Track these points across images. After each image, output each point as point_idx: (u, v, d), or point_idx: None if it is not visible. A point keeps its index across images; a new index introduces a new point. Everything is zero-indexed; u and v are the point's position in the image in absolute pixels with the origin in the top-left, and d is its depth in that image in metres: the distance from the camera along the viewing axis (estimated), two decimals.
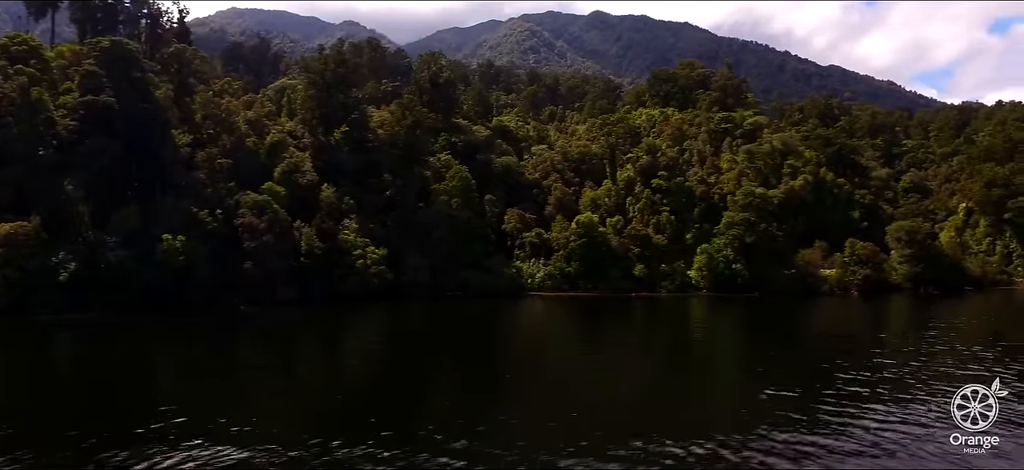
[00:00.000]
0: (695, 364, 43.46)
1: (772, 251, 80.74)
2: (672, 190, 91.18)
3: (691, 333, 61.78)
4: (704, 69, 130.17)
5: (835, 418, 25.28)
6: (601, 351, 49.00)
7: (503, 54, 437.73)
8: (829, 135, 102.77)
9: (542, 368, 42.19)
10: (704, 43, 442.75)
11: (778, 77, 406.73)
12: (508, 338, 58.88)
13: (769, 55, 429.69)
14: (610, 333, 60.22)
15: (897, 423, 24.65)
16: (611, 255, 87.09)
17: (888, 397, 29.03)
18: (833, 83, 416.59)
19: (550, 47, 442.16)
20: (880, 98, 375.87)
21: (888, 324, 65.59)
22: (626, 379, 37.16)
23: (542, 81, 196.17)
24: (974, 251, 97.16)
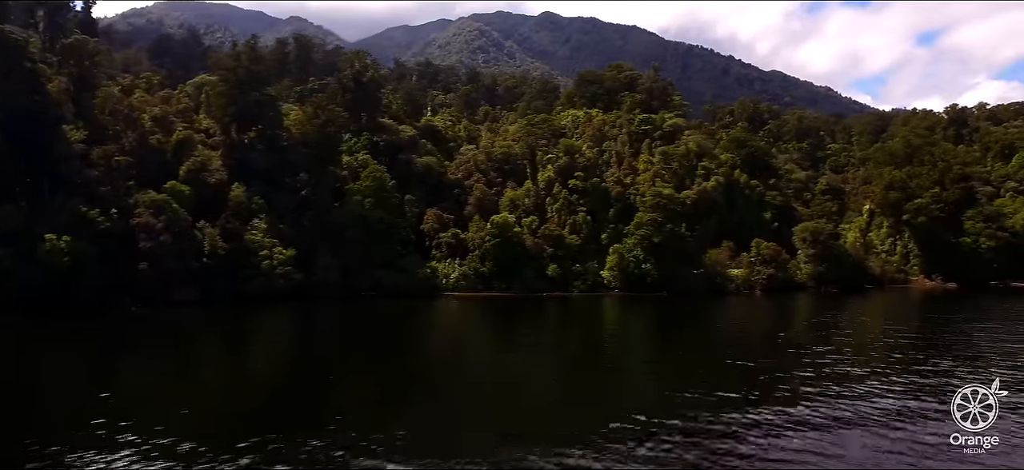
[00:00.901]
0: (603, 362, 44.04)
1: (681, 251, 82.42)
2: (589, 191, 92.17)
3: (599, 332, 62.80)
4: (631, 71, 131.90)
5: (743, 413, 26.11)
6: (513, 351, 49.33)
7: (452, 53, 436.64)
8: (743, 138, 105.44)
9: (451, 367, 42.29)
10: (651, 46, 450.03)
11: (722, 81, 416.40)
12: (418, 338, 58.55)
13: (714, 59, 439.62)
14: (522, 333, 60.66)
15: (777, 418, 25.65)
16: (526, 255, 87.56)
17: (783, 393, 30.59)
18: (774, 88, 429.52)
19: (499, 47, 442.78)
20: (818, 103, 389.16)
21: (780, 322, 67.74)
22: (538, 378, 37.45)
23: (480, 81, 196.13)
24: (878, 251, 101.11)
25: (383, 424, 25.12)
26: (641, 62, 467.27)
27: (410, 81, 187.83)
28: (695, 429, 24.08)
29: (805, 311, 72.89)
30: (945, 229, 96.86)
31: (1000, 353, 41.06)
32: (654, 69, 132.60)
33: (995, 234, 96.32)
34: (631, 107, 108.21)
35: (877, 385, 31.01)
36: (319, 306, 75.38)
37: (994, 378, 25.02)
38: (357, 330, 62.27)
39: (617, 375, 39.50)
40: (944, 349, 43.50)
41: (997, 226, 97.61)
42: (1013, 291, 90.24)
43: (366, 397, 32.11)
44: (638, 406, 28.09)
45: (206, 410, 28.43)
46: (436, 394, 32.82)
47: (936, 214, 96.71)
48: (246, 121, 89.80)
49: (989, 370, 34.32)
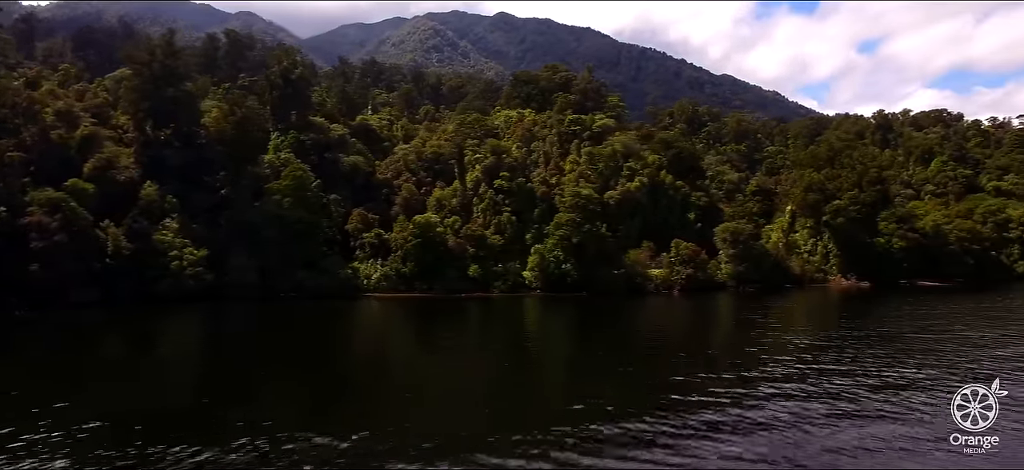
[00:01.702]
0: (521, 363, 43.97)
1: (601, 251, 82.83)
2: (514, 191, 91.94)
3: (515, 333, 62.83)
4: (567, 72, 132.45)
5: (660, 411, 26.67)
6: (430, 352, 48.90)
7: (406, 52, 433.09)
8: (671, 139, 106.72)
9: (363, 370, 41.72)
10: (605, 48, 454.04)
11: (674, 84, 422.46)
12: (329, 340, 57.46)
13: (667, 62, 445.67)
14: (440, 335, 60.27)
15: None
16: (448, 255, 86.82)
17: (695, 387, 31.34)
18: (724, 91, 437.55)
19: (454, 46, 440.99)
20: (766, 107, 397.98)
21: (693, 321, 68.70)
22: (456, 378, 37.04)
23: (425, 80, 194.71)
24: (800, 251, 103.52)
25: (288, 430, 24.36)
26: (595, 63, 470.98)
27: (353, 79, 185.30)
28: (611, 431, 24.32)
29: (715, 311, 74.08)
30: (861, 230, 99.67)
31: (920, 348, 43.11)
32: (588, 70, 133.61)
33: (906, 235, 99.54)
34: (562, 108, 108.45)
35: (780, 387, 31.63)
36: (232, 307, 73.46)
37: (994, 378, 24.88)
38: (266, 332, 60.76)
39: (535, 375, 39.67)
40: (836, 347, 44.83)
41: (908, 227, 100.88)
42: (920, 289, 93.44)
43: (271, 402, 31.26)
44: (556, 407, 28.64)
45: (85, 418, 26.84)
46: (346, 398, 32.20)
47: (853, 215, 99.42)
48: (162, 117, 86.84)
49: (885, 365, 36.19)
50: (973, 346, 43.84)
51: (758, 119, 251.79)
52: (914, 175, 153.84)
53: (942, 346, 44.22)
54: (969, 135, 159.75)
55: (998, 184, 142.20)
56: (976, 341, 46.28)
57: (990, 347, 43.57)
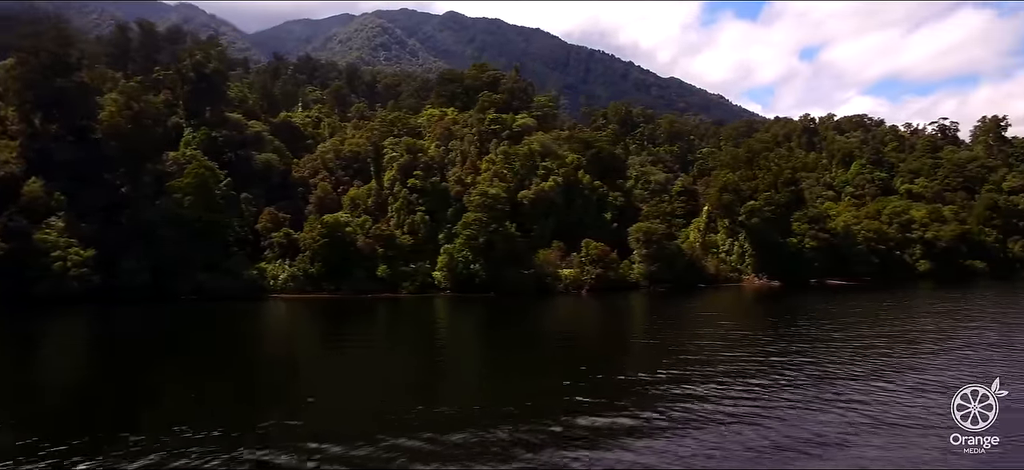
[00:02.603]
0: (423, 364, 42.92)
1: (510, 251, 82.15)
2: (428, 190, 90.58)
3: (413, 334, 61.25)
4: (495, 72, 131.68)
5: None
6: (329, 353, 47.64)
7: (353, 49, 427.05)
8: (590, 139, 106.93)
9: (272, 370, 40.25)
10: (555, 49, 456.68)
11: (621, 85, 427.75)
12: (230, 341, 55.24)
13: (614, 64, 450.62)
14: (338, 334, 58.56)
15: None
16: (357, 255, 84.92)
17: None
18: (670, 94, 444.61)
19: (402, 45, 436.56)
20: (711, 110, 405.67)
21: (591, 321, 68.54)
22: (362, 380, 35.93)
23: (360, 78, 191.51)
24: (719, 251, 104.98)
25: (168, 434, 23.16)
26: (544, 64, 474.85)
27: (283, 75, 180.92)
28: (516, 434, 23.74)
29: (620, 310, 74.12)
30: (775, 230, 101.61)
31: (820, 345, 43.75)
32: (515, 70, 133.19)
33: (817, 235, 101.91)
34: (483, 107, 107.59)
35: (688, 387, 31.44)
36: (123, 310, 70.03)
37: (994, 378, 24.39)
38: (150, 337, 57.64)
39: (437, 376, 38.71)
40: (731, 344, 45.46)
41: (819, 228, 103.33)
42: (829, 288, 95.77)
43: (153, 404, 29.86)
44: (452, 409, 27.94)
45: None
46: (237, 401, 30.60)
47: (767, 216, 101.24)
48: (51, 110, 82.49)
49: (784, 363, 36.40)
50: (890, 340, 44.94)
51: (703, 122, 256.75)
52: (836, 177, 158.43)
53: (847, 342, 45.15)
54: (886, 140, 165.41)
55: (910, 186, 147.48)
56: (880, 335, 47.22)
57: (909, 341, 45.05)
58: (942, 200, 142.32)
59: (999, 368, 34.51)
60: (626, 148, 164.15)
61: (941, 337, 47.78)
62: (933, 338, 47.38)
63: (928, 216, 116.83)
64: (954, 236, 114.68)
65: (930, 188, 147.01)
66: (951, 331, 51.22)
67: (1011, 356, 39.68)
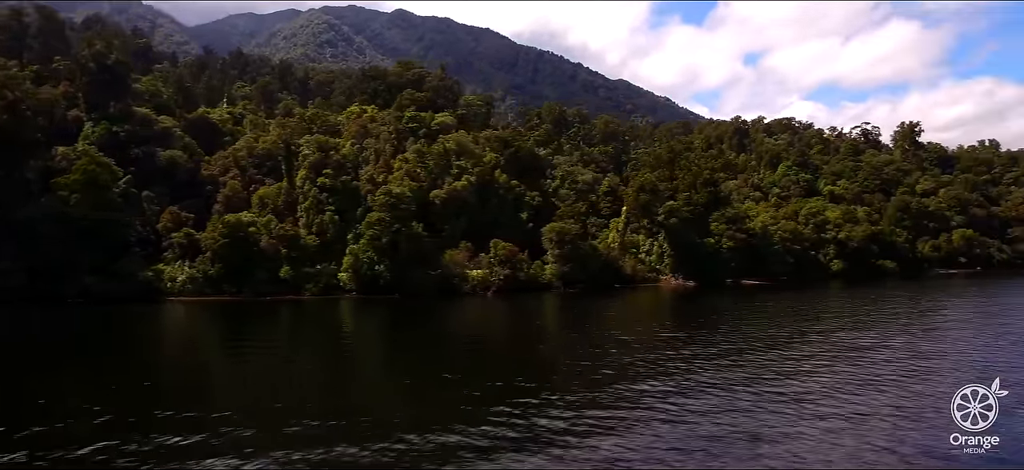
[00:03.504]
0: (323, 369, 41.21)
1: (417, 251, 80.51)
2: (338, 189, 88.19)
3: (327, 335, 59.37)
4: (421, 69, 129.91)
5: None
6: (236, 358, 45.41)
7: (298, 45, 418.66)
8: (508, 138, 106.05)
9: (153, 374, 38.26)
10: (503, 49, 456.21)
11: (569, 86, 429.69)
12: (113, 346, 51.75)
13: (563, 65, 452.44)
14: (247, 339, 55.77)
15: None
16: (260, 256, 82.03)
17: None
18: (618, 95, 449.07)
19: (349, 42, 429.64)
20: (658, 112, 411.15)
21: (493, 322, 67.54)
22: (263, 384, 34.34)
23: (293, 74, 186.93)
24: (639, 251, 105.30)
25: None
26: (492, 64, 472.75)
27: (214, 70, 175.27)
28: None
29: (525, 311, 73.24)
30: (693, 230, 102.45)
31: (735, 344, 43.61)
32: (442, 68, 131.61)
33: (734, 235, 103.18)
34: (401, 105, 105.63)
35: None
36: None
37: (994, 378, 23.88)
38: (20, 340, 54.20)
39: (338, 381, 37.21)
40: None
41: (737, 228, 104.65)
42: (743, 288, 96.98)
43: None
44: (334, 414, 26.74)
45: None
46: (113, 410, 27.68)
47: (686, 216, 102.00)
48: None
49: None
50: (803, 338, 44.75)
51: (638, 123, 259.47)
52: (764, 178, 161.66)
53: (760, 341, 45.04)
54: (812, 143, 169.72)
55: (832, 188, 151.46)
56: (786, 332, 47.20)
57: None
58: (861, 201, 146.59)
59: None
60: (559, 148, 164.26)
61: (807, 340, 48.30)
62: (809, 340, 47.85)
63: (842, 217, 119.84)
64: (865, 237, 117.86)
65: (850, 190, 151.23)
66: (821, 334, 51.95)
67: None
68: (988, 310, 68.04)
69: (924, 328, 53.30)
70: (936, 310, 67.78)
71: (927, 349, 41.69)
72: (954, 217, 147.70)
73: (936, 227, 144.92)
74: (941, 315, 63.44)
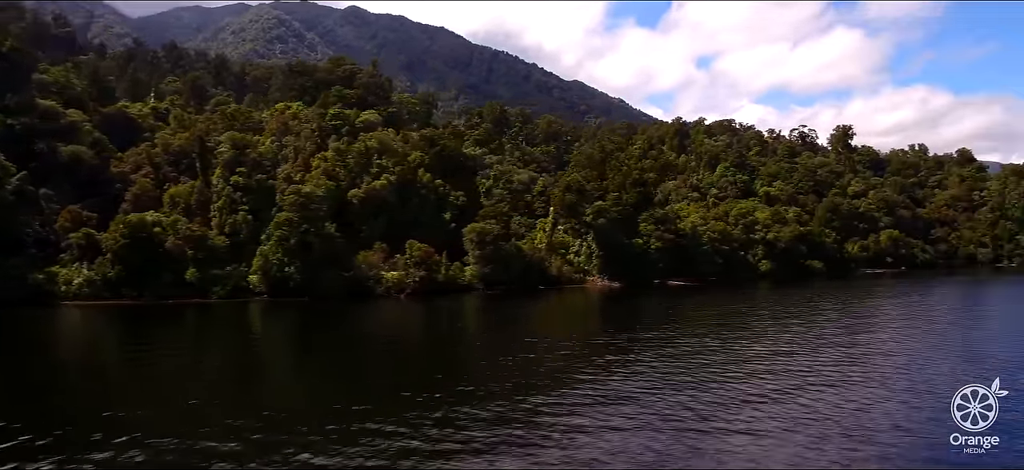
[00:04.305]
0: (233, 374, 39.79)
1: (330, 252, 78.00)
2: (252, 188, 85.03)
3: (224, 340, 57.52)
4: (352, 65, 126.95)
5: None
6: (109, 366, 43.39)
7: (246, 41, 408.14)
8: (434, 136, 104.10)
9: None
10: (458, 49, 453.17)
11: (523, 86, 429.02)
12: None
13: (517, 66, 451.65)
14: (124, 345, 53.43)
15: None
16: (165, 258, 78.39)
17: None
18: (572, 96, 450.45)
19: (300, 38, 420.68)
20: (611, 113, 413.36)
21: (403, 326, 65.66)
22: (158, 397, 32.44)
23: (229, 69, 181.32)
24: (568, 252, 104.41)
25: None
26: (446, 63, 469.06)
27: (142, 62, 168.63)
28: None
29: (438, 315, 71.57)
30: (622, 231, 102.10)
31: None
32: (373, 64, 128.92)
33: (663, 236, 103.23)
34: (325, 102, 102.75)
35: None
36: None
37: (994, 378, 23.72)
38: None
39: (233, 386, 36.00)
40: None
41: (666, 228, 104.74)
42: (669, 289, 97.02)
43: None
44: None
45: None
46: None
47: (615, 216, 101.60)
48: None
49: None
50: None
51: (605, 123, 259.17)
52: (703, 179, 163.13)
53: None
54: (751, 144, 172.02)
55: (768, 189, 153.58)
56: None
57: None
58: (795, 202, 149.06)
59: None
60: (500, 147, 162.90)
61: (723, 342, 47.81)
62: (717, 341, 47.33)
63: (771, 217, 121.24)
64: (793, 237, 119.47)
65: (785, 191, 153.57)
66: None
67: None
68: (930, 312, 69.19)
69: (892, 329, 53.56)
70: (871, 311, 68.54)
71: (895, 347, 42.61)
72: (882, 218, 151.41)
73: (865, 228, 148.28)
74: (878, 315, 64.16)
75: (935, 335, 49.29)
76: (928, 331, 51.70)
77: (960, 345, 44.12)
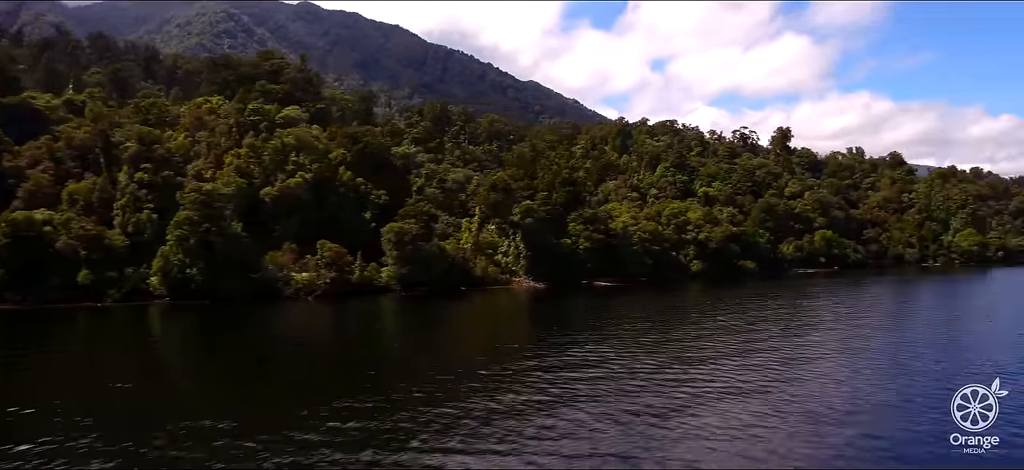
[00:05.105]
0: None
1: (235, 253, 74.48)
2: (158, 185, 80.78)
3: (112, 345, 54.36)
4: (280, 60, 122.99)
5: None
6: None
7: (193, 35, 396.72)
8: (357, 133, 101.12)
9: None
10: (412, 47, 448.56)
11: (478, 86, 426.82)
12: None
13: (472, 65, 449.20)
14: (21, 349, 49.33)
15: None
16: (56, 259, 73.73)
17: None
18: (527, 96, 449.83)
19: (250, 33, 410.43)
20: (566, 113, 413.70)
21: (301, 331, 62.78)
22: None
23: (161, 62, 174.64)
24: (496, 252, 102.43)
25: None
26: (400, 62, 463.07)
27: (61, 52, 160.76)
28: None
29: (333, 318, 68.81)
30: (551, 230, 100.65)
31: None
32: (301, 59, 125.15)
33: (592, 236, 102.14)
34: (243, 97, 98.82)
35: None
36: None
37: (994, 378, 23.75)
38: None
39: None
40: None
41: (595, 228, 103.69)
42: (596, 289, 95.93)
43: None
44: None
45: None
46: None
47: (543, 216, 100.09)
48: None
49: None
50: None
51: (557, 124, 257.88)
52: (643, 179, 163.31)
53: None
54: (692, 145, 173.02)
55: (707, 190, 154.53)
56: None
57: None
58: (733, 203, 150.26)
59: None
60: (440, 146, 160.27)
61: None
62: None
63: (702, 218, 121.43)
64: (725, 237, 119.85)
65: (723, 191, 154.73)
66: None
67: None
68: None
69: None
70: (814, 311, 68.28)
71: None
72: (817, 219, 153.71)
73: (800, 228, 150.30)
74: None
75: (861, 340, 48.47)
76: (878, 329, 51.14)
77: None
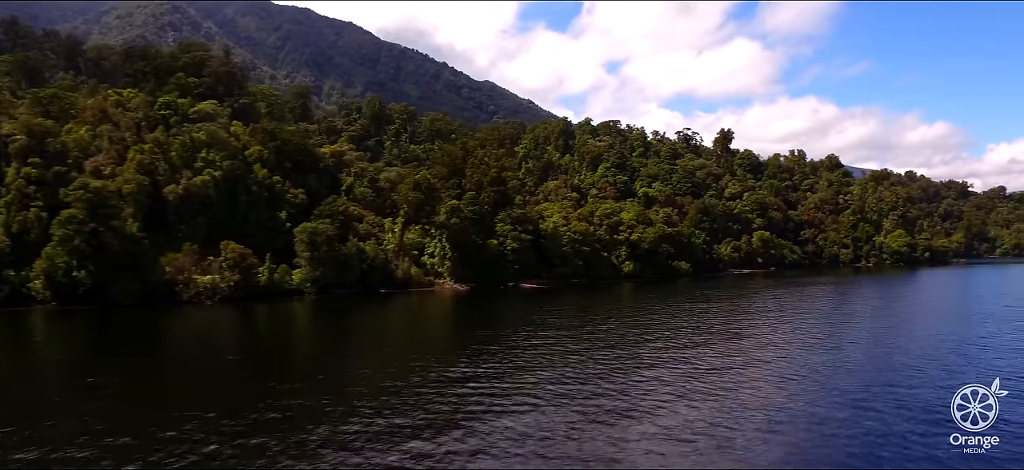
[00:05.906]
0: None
1: (127, 255, 70.10)
2: (48, 181, 75.73)
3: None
4: (204, 52, 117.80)
5: None
6: None
7: (134, 26, 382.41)
8: (274, 129, 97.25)
9: None
10: (366, 45, 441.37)
11: (432, 85, 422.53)
12: None
13: (426, 64, 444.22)
14: None
15: None
16: None
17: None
18: (481, 96, 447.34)
19: (196, 27, 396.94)
20: (520, 114, 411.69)
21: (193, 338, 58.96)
22: None
23: (84, 54, 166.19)
24: (422, 254, 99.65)
25: None
26: (353, 59, 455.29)
27: None
28: None
29: (225, 324, 64.97)
30: (478, 231, 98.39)
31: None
32: (225, 52, 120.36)
33: (520, 236, 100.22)
34: (153, 90, 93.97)
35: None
36: None
37: (994, 378, 23.83)
38: None
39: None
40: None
41: (523, 229, 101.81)
42: (520, 291, 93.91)
43: None
44: None
45: None
46: None
47: (470, 216, 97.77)
48: None
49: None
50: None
51: (509, 123, 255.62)
52: (584, 179, 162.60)
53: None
54: (635, 145, 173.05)
55: (647, 190, 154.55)
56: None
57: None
58: (673, 203, 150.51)
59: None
60: (379, 144, 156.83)
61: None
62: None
63: (635, 218, 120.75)
64: (657, 237, 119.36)
65: (664, 192, 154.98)
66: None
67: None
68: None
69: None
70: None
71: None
72: (755, 220, 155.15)
73: (739, 229, 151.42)
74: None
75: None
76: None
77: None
